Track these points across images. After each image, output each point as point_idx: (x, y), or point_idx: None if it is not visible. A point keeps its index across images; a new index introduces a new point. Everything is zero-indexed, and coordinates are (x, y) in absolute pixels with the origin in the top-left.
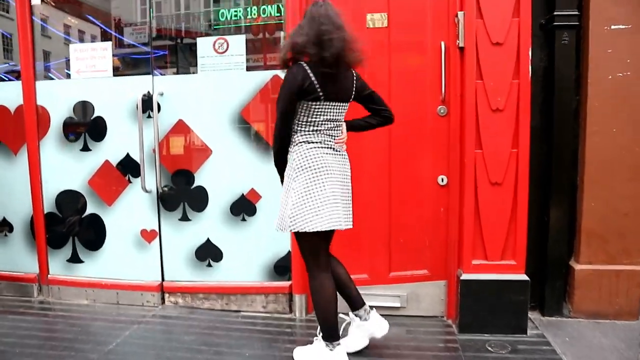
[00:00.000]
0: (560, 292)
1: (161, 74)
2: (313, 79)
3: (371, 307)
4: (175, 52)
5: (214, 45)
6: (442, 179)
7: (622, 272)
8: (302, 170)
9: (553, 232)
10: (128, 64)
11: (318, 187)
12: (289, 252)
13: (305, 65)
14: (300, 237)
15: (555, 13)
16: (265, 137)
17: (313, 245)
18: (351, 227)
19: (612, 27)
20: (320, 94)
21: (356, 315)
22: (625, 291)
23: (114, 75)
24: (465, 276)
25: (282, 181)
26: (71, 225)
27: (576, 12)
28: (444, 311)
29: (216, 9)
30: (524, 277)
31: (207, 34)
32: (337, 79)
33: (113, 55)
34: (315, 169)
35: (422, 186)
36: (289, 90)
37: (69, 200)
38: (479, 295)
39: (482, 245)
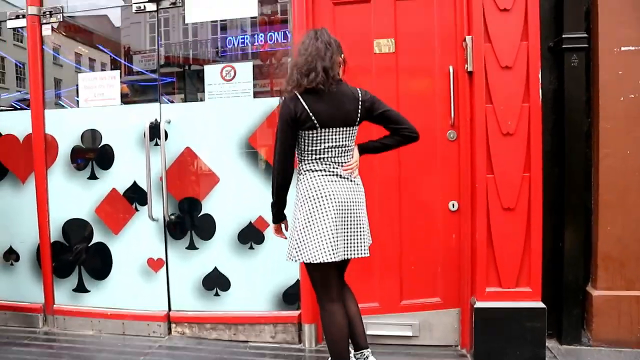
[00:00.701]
0: (578, 320)
1: (169, 101)
2: (306, 107)
3: (373, 353)
4: (184, 79)
5: (221, 72)
6: (453, 205)
7: None
8: (305, 200)
9: (568, 257)
10: (137, 91)
11: (320, 217)
12: (298, 280)
13: (297, 94)
14: (309, 268)
15: (563, 35)
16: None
17: (321, 276)
18: (363, 256)
19: (622, 48)
20: (315, 122)
21: (354, 356)
22: None
23: (123, 102)
24: (479, 304)
25: (274, 219)
26: (77, 254)
27: (585, 35)
28: (457, 340)
29: (223, 36)
30: (541, 304)
31: (214, 61)
32: (332, 105)
33: (122, 82)
34: (317, 198)
35: (432, 212)
36: (285, 122)
37: (76, 228)
38: (494, 323)
39: (496, 272)
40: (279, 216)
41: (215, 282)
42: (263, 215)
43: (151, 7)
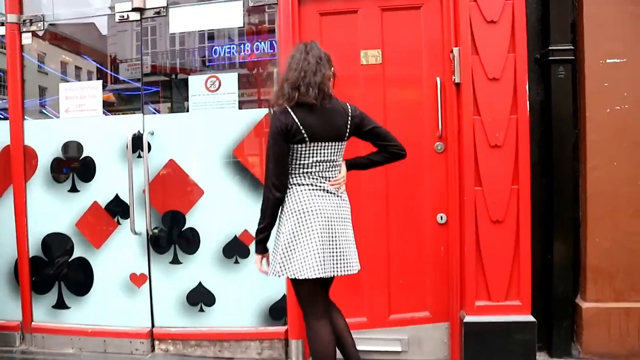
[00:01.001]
0: (568, 332)
1: (156, 111)
2: (296, 120)
3: None
4: (170, 88)
5: (205, 83)
6: (442, 217)
7: (631, 310)
8: (291, 214)
9: (557, 269)
10: (123, 100)
11: (306, 232)
12: (284, 295)
13: (288, 108)
14: (295, 283)
15: (550, 47)
16: (259, 177)
17: (308, 292)
18: (353, 272)
19: (608, 60)
20: (305, 135)
21: None
22: (636, 330)
23: (109, 110)
24: (468, 318)
25: (259, 248)
26: (57, 270)
27: (571, 47)
28: (447, 355)
29: (210, 45)
30: (530, 318)
31: (201, 71)
32: (323, 119)
33: (110, 91)
34: (302, 213)
35: (420, 225)
36: (277, 133)
37: (56, 243)
38: (483, 337)
39: (485, 286)
40: (265, 244)
41: (200, 297)
42: (248, 228)
43: (134, 16)
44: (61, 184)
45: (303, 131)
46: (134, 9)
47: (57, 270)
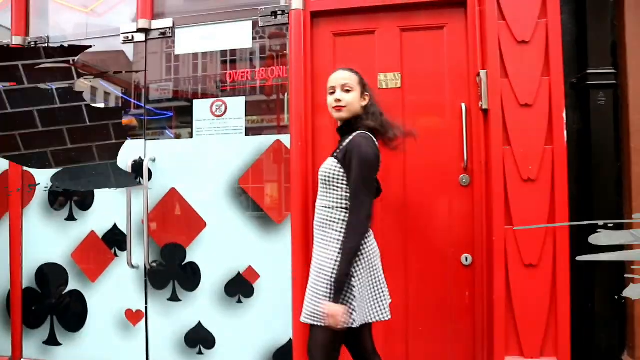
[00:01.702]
0: None
1: (175, 136)
2: (378, 151)
3: None
4: (191, 113)
5: (211, 107)
6: (467, 258)
7: None
8: (368, 255)
9: (599, 320)
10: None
11: (377, 272)
12: (290, 340)
13: (372, 136)
14: (330, 330)
15: (588, 71)
16: (265, 209)
17: (340, 339)
18: None
19: None
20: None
21: None
22: None
23: (130, 135)
24: None
25: (339, 298)
26: (50, 303)
27: (612, 70)
28: None
29: (221, 67)
30: None
31: (214, 96)
32: None
33: (132, 116)
34: (373, 253)
35: (443, 266)
36: (376, 164)
37: (50, 274)
38: None
39: (517, 338)
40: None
41: (199, 338)
42: (253, 265)
43: (139, 37)
44: (58, 211)
45: (379, 164)
46: (139, 30)
47: (50, 303)
